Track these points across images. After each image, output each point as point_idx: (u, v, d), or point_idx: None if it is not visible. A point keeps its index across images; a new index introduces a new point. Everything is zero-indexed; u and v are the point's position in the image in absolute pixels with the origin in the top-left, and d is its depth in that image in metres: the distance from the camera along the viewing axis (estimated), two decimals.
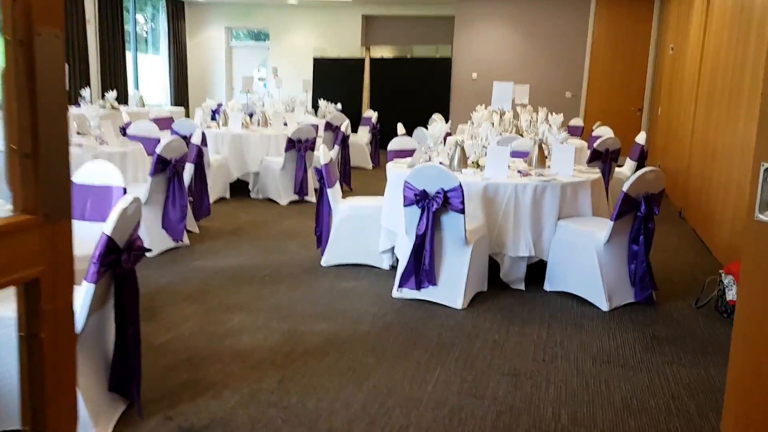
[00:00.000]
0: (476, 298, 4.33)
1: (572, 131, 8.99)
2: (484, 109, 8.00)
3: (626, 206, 4.13)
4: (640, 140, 7.30)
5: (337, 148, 8.05)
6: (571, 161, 4.79)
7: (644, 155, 7.23)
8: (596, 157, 6.52)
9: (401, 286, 4.26)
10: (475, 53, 12.94)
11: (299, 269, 4.94)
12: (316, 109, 11.84)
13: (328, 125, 9.64)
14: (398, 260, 4.50)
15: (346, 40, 14.20)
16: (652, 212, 4.19)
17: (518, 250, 4.44)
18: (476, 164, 4.87)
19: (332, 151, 7.75)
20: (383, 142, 8.99)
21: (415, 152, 5.14)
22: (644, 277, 4.26)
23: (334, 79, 13.90)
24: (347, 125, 8.57)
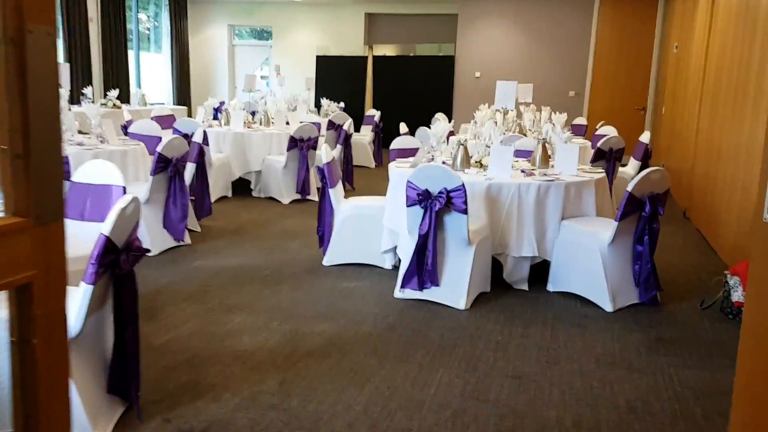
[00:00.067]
0: (479, 298, 4.30)
1: (576, 130, 8.95)
2: (487, 108, 7.96)
3: (631, 206, 4.09)
4: (644, 139, 7.25)
5: (339, 147, 8.03)
6: (575, 161, 4.76)
7: (648, 155, 7.18)
8: (600, 156, 6.48)
9: (404, 286, 4.23)
10: (478, 52, 12.90)
11: (301, 269, 4.91)
12: (318, 107, 11.81)
13: (330, 124, 9.61)
14: (400, 260, 4.47)
15: (348, 38, 14.16)
16: (656, 212, 4.15)
17: (521, 250, 4.41)
18: (479, 164, 4.83)
19: (335, 150, 7.73)
20: (386, 140, 8.95)
21: (417, 151, 5.11)
22: (649, 277, 4.22)
23: (336, 77, 13.86)
24: (350, 124, 8.55)
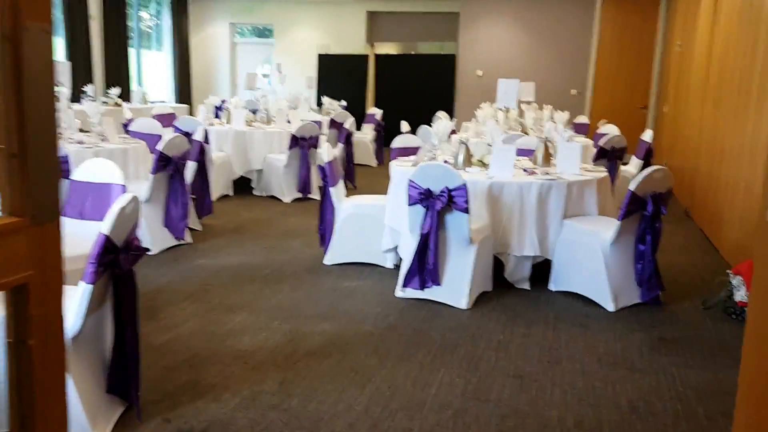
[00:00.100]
0: (481, 297, 4.28)
1: (577, 129, 8.93)
2: (489, 106, 7.94)
3: (633, 205, 4.07)
4: (646, 138, 7.22)
5: (341, 145, 8.01)
6: (577, 160, 4.74)
7: (650, 153, 7.16)
8: (602, 155, 6.46)
9: (405, 285, 4.22)
10: (480, 50, 12.87)
11: (302, 268, 4.90)
12: (320, 106, 11.79)
13: (332, 122, 9.60)
14: (402, 259, 4.45)
15: (350, 36, 14.14)
16: (659, 212, 4.13)
17: (523, 249, 4.39)
18: (481, 162, 4.81)
19: (336, 148, 7.71)
20: (387, 139, 8.93)
21: (419, 150, 5.09)
22: (651, 277, 4.20)
23: (338, 75, 13.84)
24: (351, 122, 8.53)
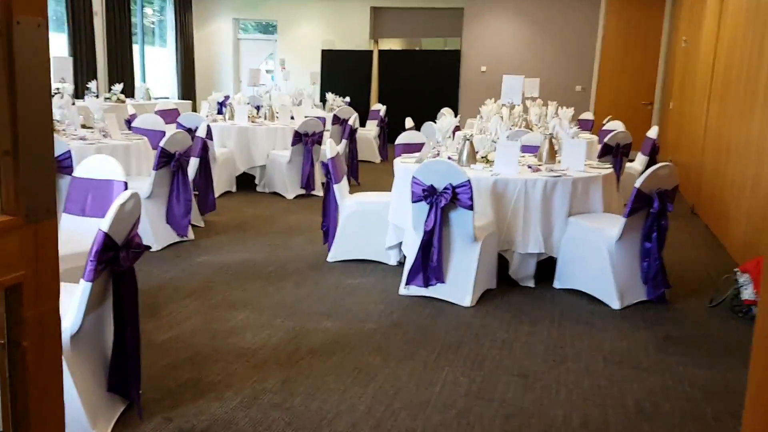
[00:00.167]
0: (485, 295, 4.24)
1: (582, 125, 8.88)
2: (493, 102, 7.89)
3: (639, 202, 4.03)
4: (651, 135, 7.18)
5: (344, 141, 7.97)
6: (582, 156, 4.69)
7: (656, 150, 7.11)
8: (607, 151, 6.42)
9: (408, 283, 4.18)
10: (484, 46, 12.81)
11: (305, 265, 4.87)
12: (324, 102, 11.76)
13: (335, 118, 9.56)
14: (405, 257, 4.42)
15: (354, 32, 14.08)
16: (665, 209, 4.09)
17: (528, 246, 4.35)
18: (485, 159, 4.77)
19: (340, 145, 7.68)
20: (391, 135, 8.90)
21: (423, 147, 5.05)
22: (657, 275, 4.16)
23: (342, 71, 13.80)
24: (355, 119, 8.49)
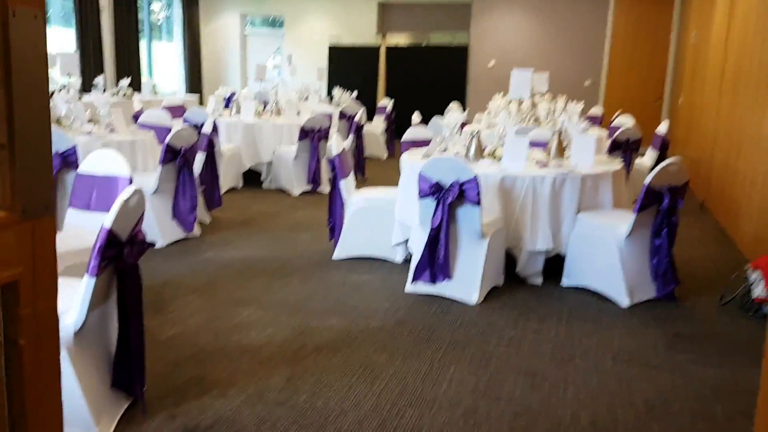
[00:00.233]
0: (492, 293, 4.21)
1: (591, 120, 8.81)
2: (501, 97, 7.84)
3: (649, 199, 3.98)
4: (661, 130, 7.11)
5: (351, 137, 7.94)
6: (591, 152, 4.64)
7: (666, 145, 7.04)
8: (617, 147, 6.36)
9: (415, 280, 4.15)
10: (492, 41, 12.73)
11: (311, 262, 4.84)
12: (330, 97, 11.71)
13: (342, 114, 9.52)
14: (412, 254, 4.38)
15: (361, 27, 14.03)
16: (675, 205, 4.04)
17: (536, 243, 4.31)
18: (493, 155, 4.73)
19: (346, 140, 7.64)
20: (398, 131, 8.85)
21: (430, 142, 5.01)
22: (666, 272, 4.11)
23: (349, 67, 13.75)
24: (362, 114, 8.45)
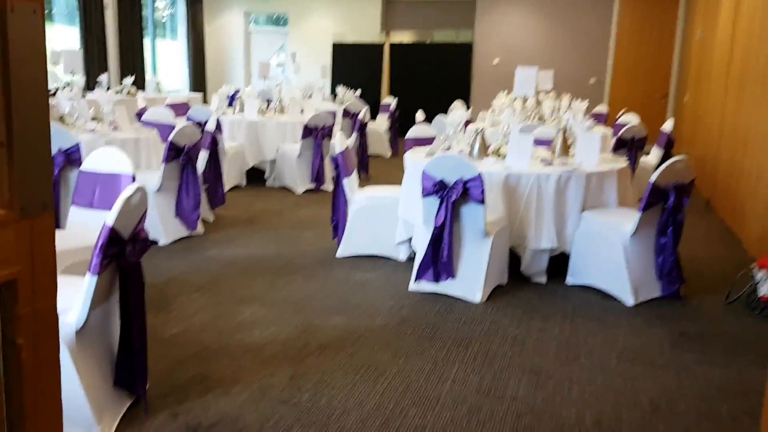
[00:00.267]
0: (496, 291, 4.19)
1: (596, 118, 8.76)
2: (505, 95, 7.81)
3: (654, 197, 3.95)
4: (666, 128, 7.07)
5: (355, 135, 7.91)
6: (596, 150, 4.61)
7: (671, 143, 7.01)
8: (621, 145, 6.33)
9: (418, 278, 4.13)
10: (496, 38, 12.69)
11: (314, 260, 4.83)
12: (334, 95, 11.69)
13: (345, 112, 9.50)
14: (415, 252, 4.37)
15: (365, 24, 13.99)
16: (681, 203, 4.01)
17: (540, 242, 4.29)
18: (497, 153, 4.71)
19: (350, 138, 7.62)
20: (402, 129, 8.83)
21: (434, 140, 4.99)
22: (672, 270, 4.09)
23: (353, 64, 13.72)
24: (365, 112, 8.43)
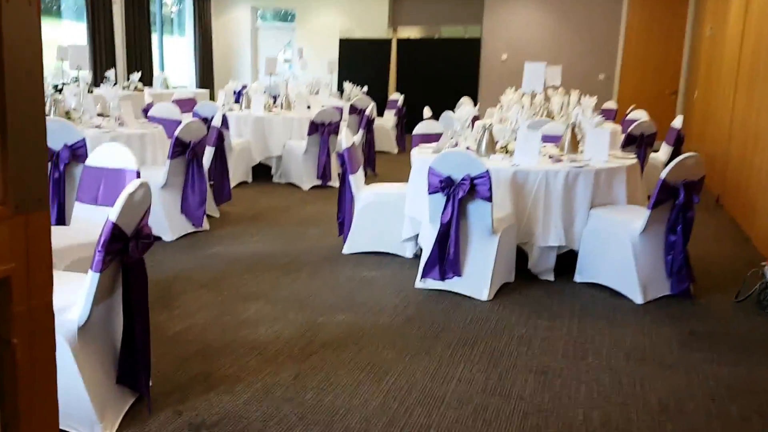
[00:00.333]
0: (503, 289, 4.15)
1: (605, 114, 8.70)
2: (513, 91, 7.75)
3: (664, 194, 3.90)
4: (676, 124, 7.01)
5: (361, 131, 7.89)
6: (605, 146, 4.56)
7: (681, 140, 6.94)
8: (631, 141, 6.28)
9: (424, 276, 4.10)
10: (505, 34, 12.62)
11: (320, 257, 4.80)
12: (341, 91, 11.66)
13: (352, 108, 9.47)
14: (422, 249, 4.33)
15: (372, 20, 13.93)
16: (691, 200, 3.96)
17: (548, 239, 4.25)
18: (505, 149, 4.67)
19: (357, 135, 7.60)
20: (409, 125, 8.78)
21: (441, 137, 4.95)
22: (681, 268, 4.04)
23: (360, 60, 13.68)
24: (372, 108, 8.40)
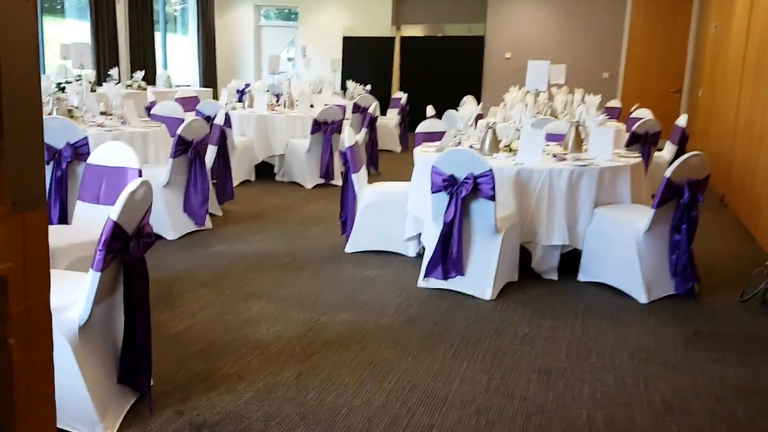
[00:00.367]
0: (506, 288, 4.13)
1: (609, 113, 8.67)
2: (517, 90, 7.73)
3: (669, 193, 3.88)
4: (681, 123, 6.98)
5: (364, 130, 7.87)
6: (609, 145, 4.54)
7: (685, 138, 6.91)
8: (635, 140, 6.25)
9: (427, 275, 4.09)
10: (509, 32, 12.59)
11: (322, 256, 4.79)
12: (344, 90, 11.64)
13: (356, 107, 9.46)
14: (424, 248, 4.32)
15: (376, 18, 13.91)
16: (696, 199, 3.94)
17: (552, 238, 4.23)
18: (509, 148, 4.65)
19: (360, 133, 7.58)
20: (412, 124, 8.77)
21: (444, 135, 4.94)
22: (686, 268, 4.01)
23: (363, 59, 13.66)
24: (375, 107, 8.38)
